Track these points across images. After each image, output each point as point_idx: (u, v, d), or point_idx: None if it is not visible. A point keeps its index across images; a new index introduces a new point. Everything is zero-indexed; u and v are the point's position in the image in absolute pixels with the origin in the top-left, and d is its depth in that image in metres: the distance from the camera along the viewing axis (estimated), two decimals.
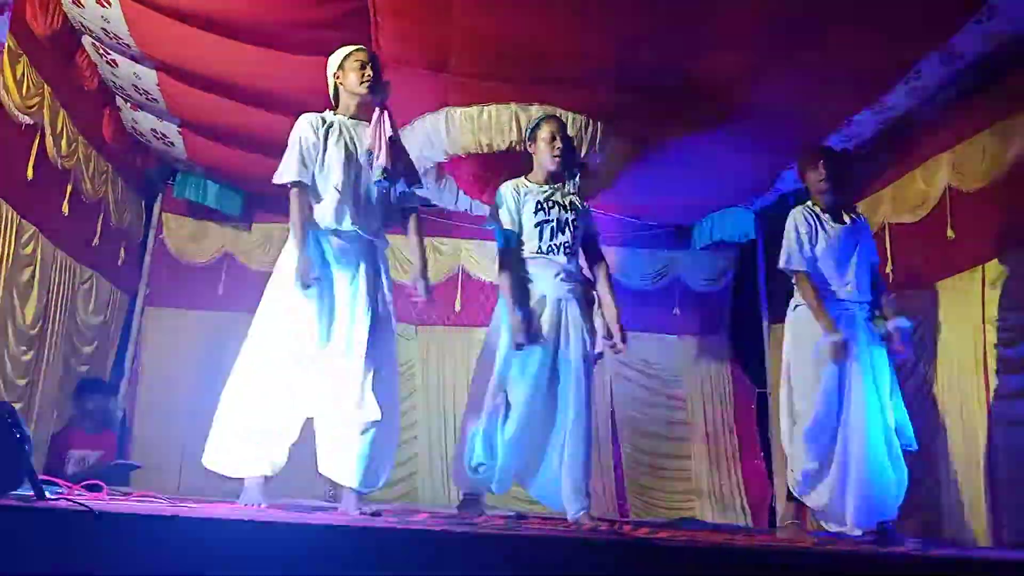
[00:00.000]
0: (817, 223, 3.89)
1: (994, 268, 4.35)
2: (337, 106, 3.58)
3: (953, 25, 4.11)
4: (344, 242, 3.35)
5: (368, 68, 3.45)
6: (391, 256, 7.01)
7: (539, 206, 3.78)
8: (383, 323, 3.32)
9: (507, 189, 3.88)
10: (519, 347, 3.58)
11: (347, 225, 3.33)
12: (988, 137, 4.43)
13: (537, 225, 3.76)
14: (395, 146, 3.37)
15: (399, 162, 3.37)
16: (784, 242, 3.97)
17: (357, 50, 3.53)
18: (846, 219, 3.89)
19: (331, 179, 3.36)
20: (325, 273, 3.32)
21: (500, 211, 3.83)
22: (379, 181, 3.33)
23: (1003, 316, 4.25)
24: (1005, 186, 4.31)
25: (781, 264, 3.99)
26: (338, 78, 3.54)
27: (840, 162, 3.94)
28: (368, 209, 3.38)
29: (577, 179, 3.95)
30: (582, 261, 3.92)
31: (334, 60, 3.56)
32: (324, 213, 3.35)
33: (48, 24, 4.33)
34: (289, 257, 3.35)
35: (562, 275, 3.73)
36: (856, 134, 5.36)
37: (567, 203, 3.84)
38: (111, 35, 4.63)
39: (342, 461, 3.27)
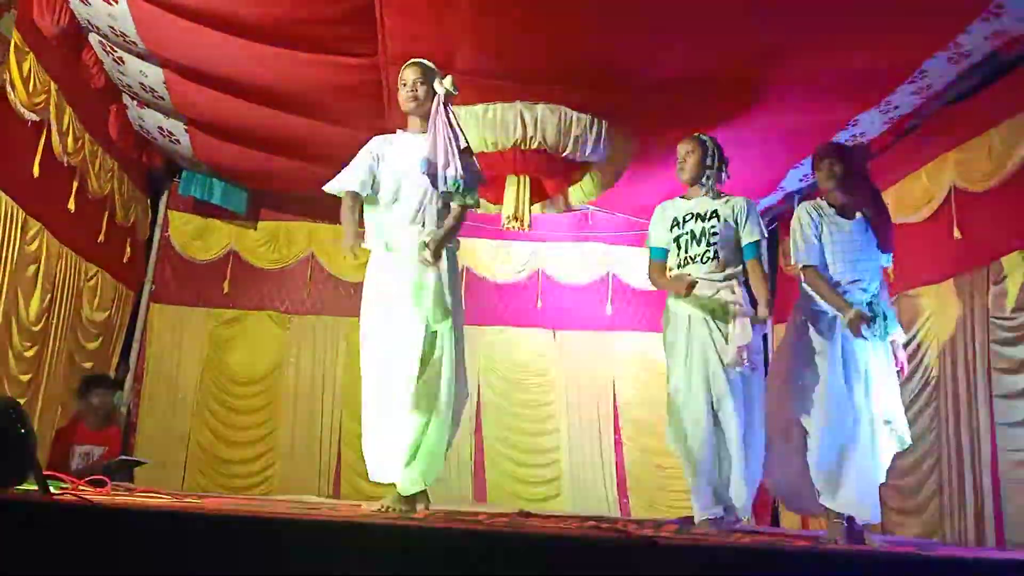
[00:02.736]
0: (821, 218, 3.85)
1: (998, 268, 4.34)
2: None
3: (959, 24, 4.11)
4: (401, 253, 3.36)
5: (408, 86, 3.45)
6: None
7: (674, 222, 3.88)
8: (437, 325, 3.32)
9: (656, 211, 4.01)
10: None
11: (395, 239, 3.37)
12: (994, 136, 4.43)
13: (675, 240, 3.86)
14: (454, 146, 3.37)
15: (459, 162, 3.35)
16: (791, 240, 3.93)
17: (403, 69, 3.51)
18: (857, 215, 3.83)
19: (383, 198, 3.42)
20: (386, 287, 3.35)
21: (649, 232, 4.02)
22: (444, 193, 3.34)
23: (1007, 316, 4.24)
24: (1011, 186, 4.30)
25: (793, 261, 3.95)
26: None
27: (848, 160, 3.89)
28: (417, 224, 3.37)
29: (711, 181, 3.88)
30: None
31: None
32: (377, 229, 3.41)
33: (55, 22, 4.35)
34: (368, 277, 3.42)
35: (700, 286, 3.73)
36: (861, 133, 5.36)
37: (707, 213, 3.84)
38: (118, 33, 4.65)
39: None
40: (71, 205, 5.05)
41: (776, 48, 4.37)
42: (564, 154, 5.13)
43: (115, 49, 4.91)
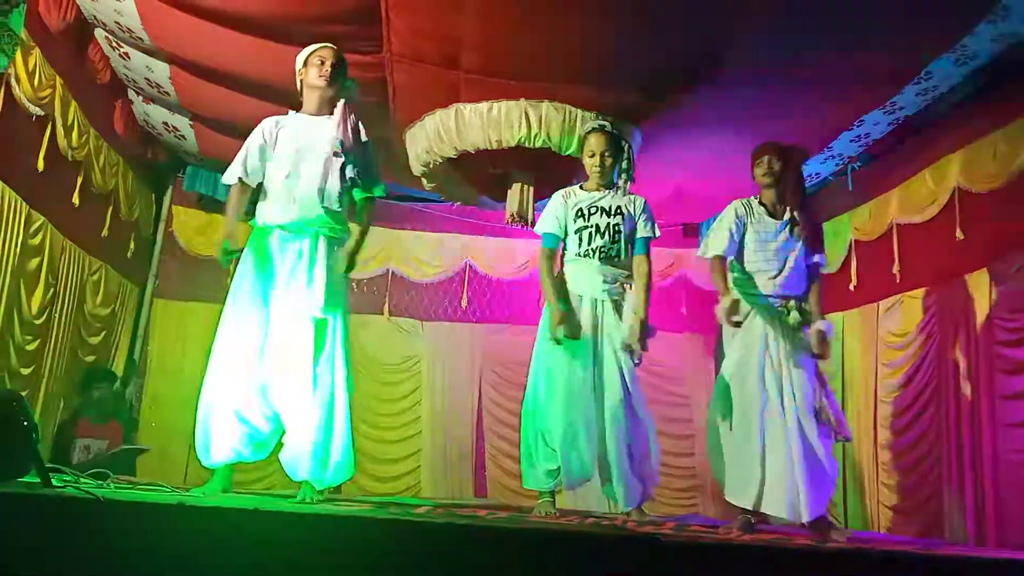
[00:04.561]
0: (749, 215, 3.91)
1: (1000, 269, 4.34)
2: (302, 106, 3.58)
3: (965, 26, 4.10)
4: (289, 236, 3.36)
5: (327, 64, 3.46)
6: (402, 253, 7.13)
7: (579, 213, 3.91)
8: (323, 314, 3.30)
9: (556, 196, 4.03)
10: (557, 342, 3.71)
11: (289, 219, 3.36)
12: (998, 138, 4.42)
13: (577, 231, 3.90)
14: (357, 139, 3.41)
15: (360, 156, 3.40)
16: (711, 228, 4.00)
17: (321, 48, 3.55)
18: (785, 216, 3.89)
19: (276, 176, 3.41)
20: (268, 269, 3.36)
21: (546, 216, 3.99)
22: (336, 155, 3.35)
23: (1009, 317, 4.24)
24: (1014, 187, 4.30)
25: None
26: (301, 75, 3.56)
27: (787, 159, 3.94)
28: (314, 204, 3.36)
29: (627, 184, 3.97)
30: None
31: (299, 58, 3.58)
32: (268, 209, 3.42)
33: (61, 17, 4.36)
34: (243, 258, 3.45)
35: (600, 277, 3.84)
36: (866, 134, 5.36)
37: (612, 208, 3.90)
38: (124, 28, 4.66)
39: (290, 454, 3.27)
40: (75, 199, 5.06)
41: (781, 48, 4.36)
42: (568, 152, 5.12)
43: (121, 44, 4.92)
